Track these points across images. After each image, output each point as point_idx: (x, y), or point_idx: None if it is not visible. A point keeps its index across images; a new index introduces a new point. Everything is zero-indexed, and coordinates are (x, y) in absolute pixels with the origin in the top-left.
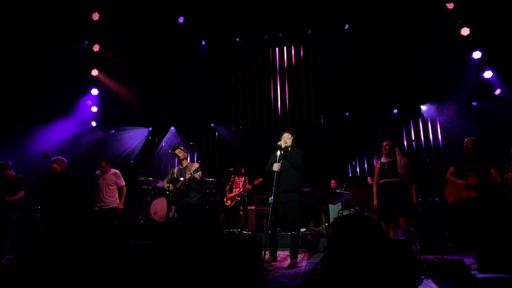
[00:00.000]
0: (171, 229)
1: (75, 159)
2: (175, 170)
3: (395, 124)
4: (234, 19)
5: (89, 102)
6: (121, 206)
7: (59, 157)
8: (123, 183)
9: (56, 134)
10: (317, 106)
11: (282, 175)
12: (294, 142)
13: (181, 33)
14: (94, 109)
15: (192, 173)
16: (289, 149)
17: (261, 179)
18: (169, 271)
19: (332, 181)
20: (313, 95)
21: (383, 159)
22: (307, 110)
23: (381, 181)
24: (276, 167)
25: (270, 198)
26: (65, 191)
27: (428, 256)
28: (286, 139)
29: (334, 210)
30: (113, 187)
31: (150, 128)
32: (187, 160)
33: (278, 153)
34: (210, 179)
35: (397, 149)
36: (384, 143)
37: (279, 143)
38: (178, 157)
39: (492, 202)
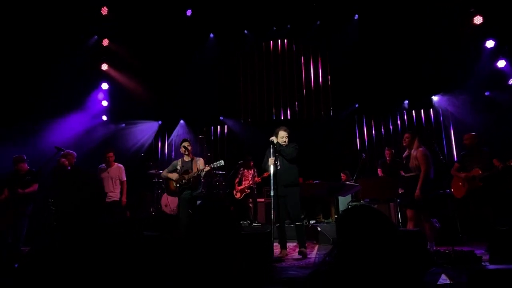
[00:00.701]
0: (194, 224)
1: (86, 153)
2: (179, 162)
3: (406, 115)
4: (242, 12)
5: (100, 96)
6: (125, 200)
7: (69, 151)
8: (125, 178)
9: (68, 128)
10: (326, 98)
11: (280, 170)
12: (290, 136)
13: (189, 26)
14: (105, 103)
15: (200, 170)
16: (285, 144)
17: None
18: (180, 263)
19: (342, 174)
20: (322, 87)
21: (405, 153)
22: (316, 102)
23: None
24: (271, 161)
25: (271, 192)
26: (75, 185)
27: (438, 248)
28: (283, 137)
29: (343, 202)
30: (117, 181)
31: (160, 122)
32: (191, 154)
33: (272, 149)
34: (220, 172)
35: (416, 141)
36: (405, 135)
37: (271, 138)
38: (188, 150)
39: (495, 191)
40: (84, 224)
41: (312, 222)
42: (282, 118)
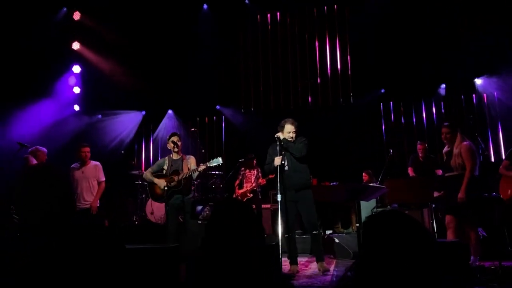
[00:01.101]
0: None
1: (55, 149)
2: (166, 160)
3: (442, 102)
4: None
5: (71, 81)
6: (96, 204)
7: (38, 147)
8: (103, 177)
9: (33, 120)
10: (345, 82)
11: (289, 171)
12: (297, 131)
13: None
14: (77, 90)
15: (192, 171)
16: (292, 140)
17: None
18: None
19: (364, 174)
20: (341, 69)
21: (445, 148)
22: (333, 87)
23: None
24: (277, 161)
25: (278, 196)
26: (50, 186)
27: (483, 263)
28: (290, 131)
29: (366, 208)
30: (94, 182)
31: (144, 112)
32: (181, 151)
33: (278, 146)
34: (216, 173)
35: (458, 135)
36: (442, 130)
37: (277, 134)
38: (177, 145)
39: None
40: (60, 232)
41: (328, 232)
42: (292, 106)
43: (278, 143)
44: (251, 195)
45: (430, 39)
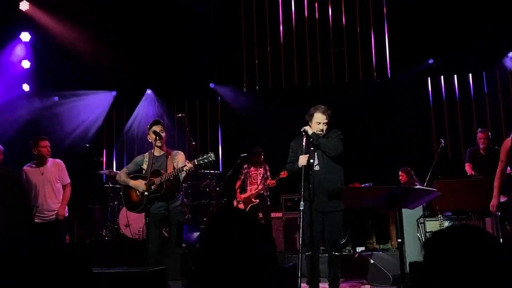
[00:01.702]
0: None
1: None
2: (146, 157)
3: (510, 76)
4: None
5: (18, 53)
6: (64, 213)
7: None
8: (69, 179)
9: None
10: (380, 53)
11: (320, 172)
12: (330, 122)
13: None
14: (26, 64)
15: (177, 170)
16: (322, 134)
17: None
18: None
19: (401, 173)
20: (374, 35)
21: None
22: (364, 59)
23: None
24: (303, 160)
25: (301, 204)
26: (9, 193)
27: None
28: (321, 122)
29: (410, 217)
30: (58, 185)
31: (114, 93)
32: (165, 145)
33: (305, 142)
34: (211, 172)
35: None
36: None
37: (304, 128)
38: (160, 137)
39: None
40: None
41: (359, 250)
42: (309, 83)
43: (306, 139)
44: (257, 200)
45: None
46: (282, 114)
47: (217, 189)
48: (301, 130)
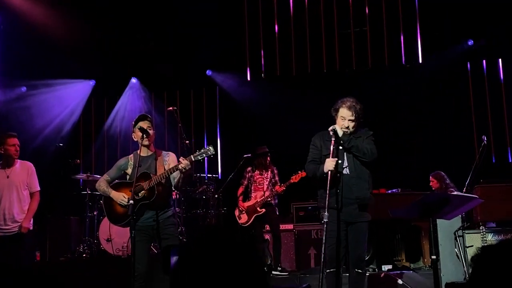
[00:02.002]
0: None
1: None
2: (131, 160)
3: None
4: None
5: None
6: (29, 226)
7: None
8: (38, 186)
9: None
10: (410, 33)
11: (347, 177)
12: (359, 118)
13: None
14: None
15: (169, 171)
16: (348, 132)
17: (304, 174)
18: None
19: (431, 178)
20: (403, 12)
21: None
22: (391, 40)
23: None
24: (331, 164)
25: (323, 215)
26: None
27: None
28: (346, 118)
29: (446, 230)
30: (26, 192)
31: (93, 82)
32: (153, 144)
33: (332, 144)
34: (208, 176)
35: None
36: None
37: (333, 127)
38: (147, 135)
39: None
40: None
41: (386, 268)
42: (324, 70)
43: (333, 140)
44: (263, 210)
45: None
46: (293, 107)
47: (216, 196)
48: (329, 129)
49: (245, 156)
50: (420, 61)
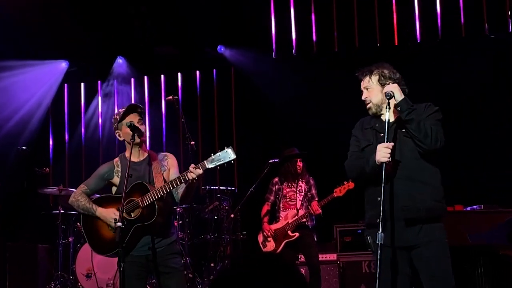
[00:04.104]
0: None
1: None
2: (117, 166)
3: None
4: None
5: None
6: None
7: None
8: None
9: None
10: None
11: (398, 177)
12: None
13: None
14: None
15: (173, 183)
16: (402, 102)
17: (351, 185)
18: None
19: None
20: None
21: None
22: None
23: None
24: (384, 152)
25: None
26: None
27: None
28: (364, 93)
29: None
30: None
31: (66, 63)
32: (146, 144)
33: (387, 119)
34: (221, 188)
35: None
36: None
37: (389, 91)
38: (138, 133)
39: None
40: None
41: None
42: (378, 43)
43: (388, 109)
44: (296, 234)
45: None
46: (338, 94)
47: (231, 216)
48: (384, 92)
49: (270, 161)
50: (511, 29)
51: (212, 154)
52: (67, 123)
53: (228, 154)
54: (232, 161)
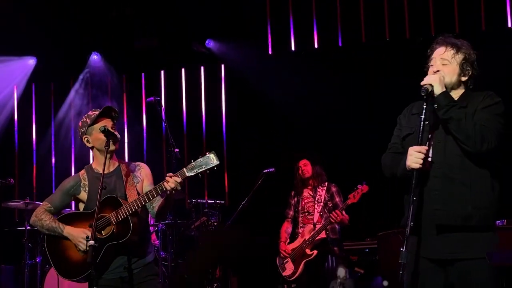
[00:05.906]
0: None
1: None
2: (83, 179)
3: None
4: None
5: None
6: None
7: None
8: None
9: None
10: None
11: (439, 172)
12: (465, 69)
13: None
14: None
15: (149, 196)
16: (440, 97)
17: (366, 188)
18: None
19: None
20: None
21: None
22: None
23: None
24: (416, 157)
25: (402, 251)
26: None
27: None
28: (437, 62)
29: None
30: None
31: (34, 60)
32: (115, 154)
33: (423, 116)
34: (209, 202)
35: None
36: None
37: (427, 83)
38: (113, 138)
39: None
40: None
41: None
42: (388, 37)
43: (425, 106)
44: (314, 252)
45: None
46: (343, 94)
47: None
48: (422, 83)
49: (265, 171)
50: None
51: (192, 161)
52: (35, 127)
53: (210, 160)
54: (215, 168)
